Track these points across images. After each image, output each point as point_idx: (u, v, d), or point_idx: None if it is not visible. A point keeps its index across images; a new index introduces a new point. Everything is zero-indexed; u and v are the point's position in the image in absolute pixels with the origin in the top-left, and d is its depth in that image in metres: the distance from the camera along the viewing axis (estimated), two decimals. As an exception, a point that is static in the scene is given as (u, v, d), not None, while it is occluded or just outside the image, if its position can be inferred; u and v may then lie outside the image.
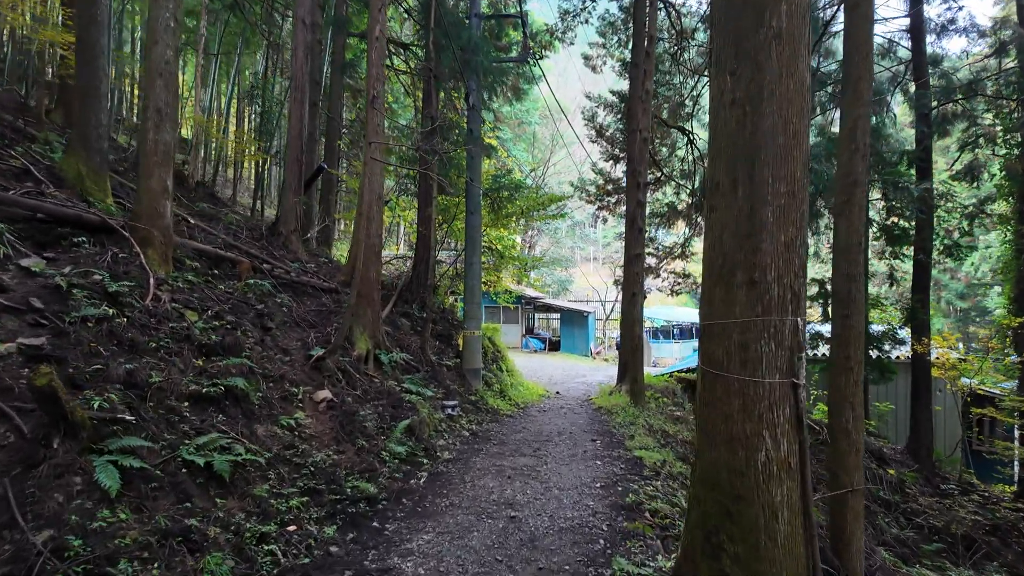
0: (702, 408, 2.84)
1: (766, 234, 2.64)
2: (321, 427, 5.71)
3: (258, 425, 4.91)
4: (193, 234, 8.53)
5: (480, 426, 8.30)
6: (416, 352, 9.21)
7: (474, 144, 9.67)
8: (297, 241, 11.26)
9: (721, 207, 2.79)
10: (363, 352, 7.50)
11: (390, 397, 7.09)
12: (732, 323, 2.68)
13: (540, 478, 5.80)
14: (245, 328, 5.93)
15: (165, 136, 5.78)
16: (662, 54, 14.70)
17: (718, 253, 2.78)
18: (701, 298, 2.87)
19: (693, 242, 15.37)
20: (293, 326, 7.48)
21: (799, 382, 2.62)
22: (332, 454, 5.25)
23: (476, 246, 10.32)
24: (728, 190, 2.76)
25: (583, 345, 27.76)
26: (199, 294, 6.01)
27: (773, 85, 2.66)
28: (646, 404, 10.33)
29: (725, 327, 2.71)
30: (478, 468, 6.08)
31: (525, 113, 33.23)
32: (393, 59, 16.23)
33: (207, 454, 3.88)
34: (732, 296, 2.69)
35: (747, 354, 2.65)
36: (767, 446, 2.60)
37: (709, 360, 2.79)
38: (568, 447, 7.28)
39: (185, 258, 6.68)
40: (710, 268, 2.83)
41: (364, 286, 7.76)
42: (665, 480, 6.02)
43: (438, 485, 5.41)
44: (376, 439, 5.89)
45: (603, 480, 5.79)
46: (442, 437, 7.17)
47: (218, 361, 5.01)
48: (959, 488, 11.04)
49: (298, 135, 11.44)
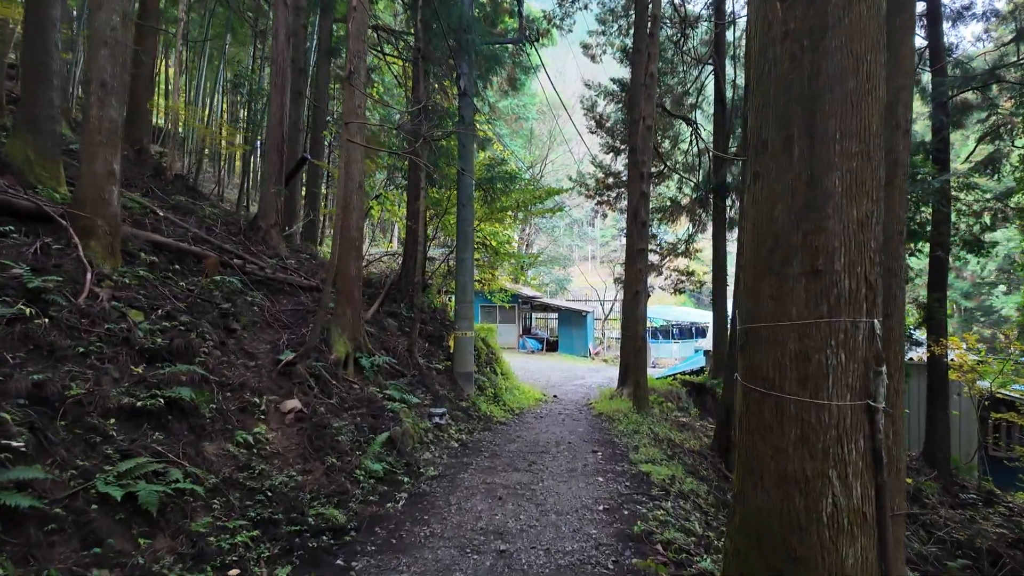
0: (744, 437, 2.17)
1: (832, 208, 1.98)
2: (287, 442, 5.03)
3: (207, 443, 4.23)
4: (159, 227, 7.84)
5: (471, 436, 7.63)
6: (403, 355, 8.54)
7: (465, 131, 9.00)
8: (278, 236, 10.57)
9: (769, 174, 2.12)
10: (341, 356, 6.82)
11: (370, 405, 6.41)
12: (786, 327, 2.02)
13: (535, 499, 5.14)
14: (202, 330, 5.24)
15: (111, 112, 5.10)
16: (664, 42, 14.03)
17: (766, 235, 2.12)
18: (740, 294, 2.20)
19: (698, 238, 14.72)
20: (264, 327, 6.80)
21: (877, 405, 1.96)
22: (296, 475, 4.58)
23: (468, 240, 9.65)
24: (779, 151, 2.09)
25: (582, 345, 27.11)
26: (150, 291, 5.33)
27: (839, 11, 2.00)
28: (649, 410, 9.68)
29: (776, 332, 2.04)
30: (466, 487, 5.41)
31: (522, 108, 32.55)
32: (384, 48, 15.57)
33: (131, 483, 3.20)
34: (786, 291, 2.03)
35: (807, 368, 1.98)
36: (834, 491, 1.94)
37: (753, 375, 2.12)
38: (567, 460, 6.62)
39: (140, 251, 5.99)
40: (754, 255, 2.17)
41: (343, 283, 7.08)
42: (676, 501, 5.36)
43: (419, 509, 4.74)
44: (350, 455, 5.21)
45: (606, 501, 5.13)
46: (428, 450, 6.49)
47: (162, 368, 4.33)
48: (981, 498, 10.43)
49: (279, 123, 10.75)
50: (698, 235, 15.32)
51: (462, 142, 9.28)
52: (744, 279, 2.23)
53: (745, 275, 2.22)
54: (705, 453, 8.32)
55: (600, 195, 15.07)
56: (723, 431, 8.29)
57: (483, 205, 11.27)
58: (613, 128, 14.27)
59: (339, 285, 7.17)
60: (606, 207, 15.55)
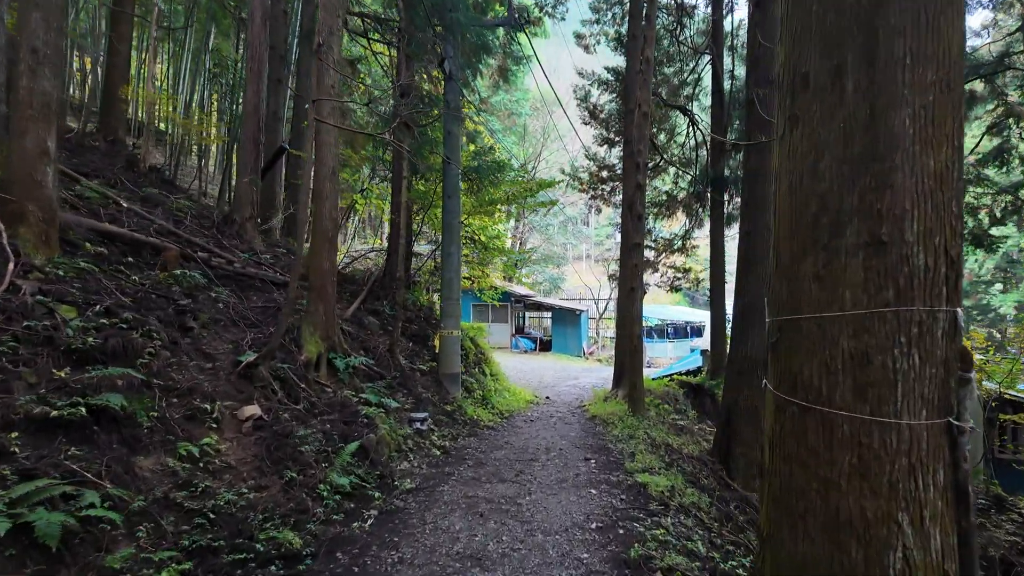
0: (778, 464, 1.65)
1: (901, 156, 1.47)
2: (242, 454, 4.49)
3: (142, 457, 3.68)
4: (119, 217, 7.27)
5: (455, 442, 7.10)
6: (383, 356, 7.99)
7: (451, 117, 8.46)
8: (253, 230, 10.00)
9: (812, 117, 1.61)
10: (312, 356, 6.28)
11: (343, 411, 5.87)
12: (838, 318, 1.50)
13: (521, 515, 4.62)
14: (149, 328, 4.69)
15: (43, 84, 4.53)
16: (660, 31, 13.54)
17: (808, 197, 1.60)
18: (773, 274, 1.68)
19: (694, 235, 14.25)
20: (229, 326, 6.24)
21: (963, 424, 1.45)
22: (248, 491, 4.04)
23: (455, 234, 9.12)
24: (826, 85, 1.58)
25: (575, 345, 26.61)
26: (90, 285, 4.77)
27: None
28: (646, 412, 9.18)
29: (824, 326, 1.53)
30: (445, 501, 4.88)
31: (515, 104, 32.02)
32: (371, 35, 14.99)
33: (26, 512, 2.66)
34: (837, 270, 1.52)
35: (867, 373, 1.47)
36: (905, 541, 1.43)
37: (791, 382, 1.61)
38: (557, 469, 6.11)
39: (85, 242, 5.43)
40: (792, 224, 1.65)
41: (315, 277, 6.54)
42: (676, 516, 4.85)
43: (390, 529, 4.20)
44: (315, 467, 4.67)
45: (599, 518, 4.61)
46: (406, 459, 5.96)
47: (92, 372, 3.78)
48: (990, 502, 10.00)
49: (254, 111, 10.19)
50: (695, 232, 14.84)
51: (447, 129, 8.74)
52: (777, 257, 1.71)
53: (779, 252, 1.71)
54: (705, 459, 7.83)
55: (594, 189, 14.56)
56: (724, 435, 7.80)
57: (471, 197, 10.73)
58: (607, 119, 13.77)
59: (311, 280, 6.63)
60: (600, 201, 15.04)
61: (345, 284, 10.65)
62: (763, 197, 7.39)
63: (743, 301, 7.57)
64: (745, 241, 7.61)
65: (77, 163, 9.22)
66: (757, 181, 7.41)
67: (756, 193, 7.42)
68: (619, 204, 14.60)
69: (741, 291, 7.61)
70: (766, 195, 7.43)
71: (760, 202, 7.39)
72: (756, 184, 7.43)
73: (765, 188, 7.35)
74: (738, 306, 7.68)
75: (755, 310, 7.46)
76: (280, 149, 10.75)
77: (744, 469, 7.50)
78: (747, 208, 7.65)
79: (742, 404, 7.51)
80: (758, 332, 7.47)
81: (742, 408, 7.52)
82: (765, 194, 7.39)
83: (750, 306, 7.50)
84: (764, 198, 7.39)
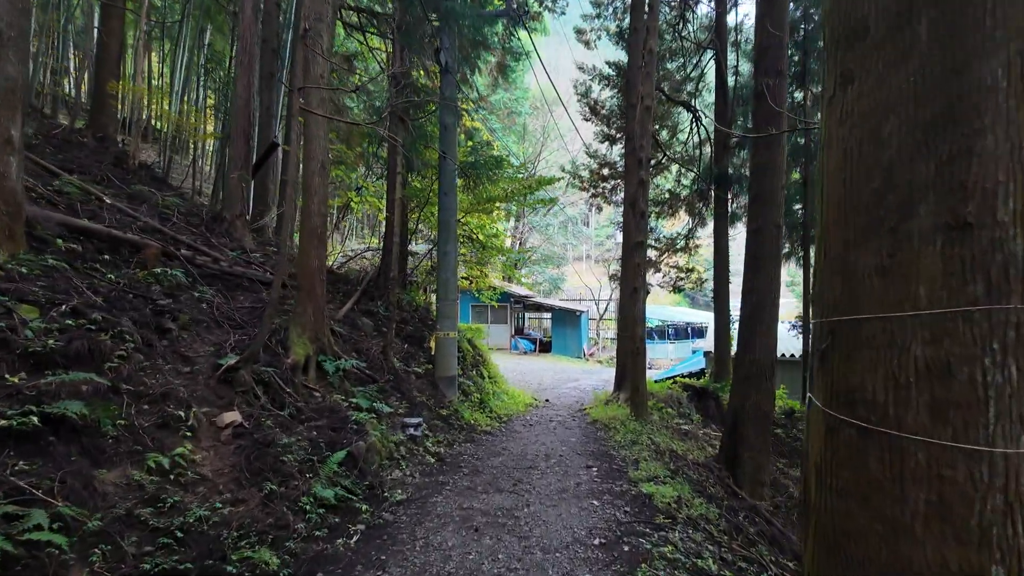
0: (827, 497, 1.35)
1: (992, 116, 1.17)
2: (219, 464, 4.19)
3: (105, 470, 3.38)
4: (99, 214, 6.98)
5: (450, 448, 6.80)
6: (377, 358, 7.69)
7: (447, 110, 8.16)
8: (243, 228, 9.70)
9: (872, 71, 1.31)
10: (300, 359, 5.97)
11: (331, 417, 5.57)
12: (909, 320, 1.21)
13: (519, 530, 4.31)
14: (121, 329, 4.38)
15: (7, 68, 4.23)
16: (662, 26, 13.25)
17: (868, 168, 1.30)
18: (820, 267, 1.37)
19: (698, 233, 13.95)
20: (212, 327, 5.94)
21: (1072, 454, 1.14)
22: (223, 506, 3.73)
23: (451, 232, 8.82)
24: (890, 31, 1.28)
25: (576, 346, 26.31)
26: (58, 283, 4.47)
27: None
28: (649, 416, 8.88)
29: (890, 328, 1.23)
30: (438, 514, 4.58)
31: (515, 103, 31.75)
32: (368, 30, 14.68)
33: (-42, 537, 2.35)
34: (907, 259, 1.21)
35: (948, 388, 1.17)
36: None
37: (848, 397, 1.31)
38: (557, 477, 5.80)
39: (57, 238, 5.12)
40: (846, 203, 1.35)
41: (303, 276, 6.24)
42: (684, 530, 4.55)
43: (376, 546, 3.90)
44: (298, 479, 4.36)
45: (603, 532, 4.31)
46: (398, 467, 5.65)
47: (52, 377, 3.48)
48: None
49: (245, 105, 9.90)
50: (697, 231, 14.55)
51: (443, 123, 8.44)
52: (826, 246, 1.41)
53: (827, 239, 1.40)
54: (711, 465, 7.52)
55: (595, 187, 14.25)
56: (730, 441, 7.50)
57: (468, 194, 10.43)
58: (609, 116, 13.47)
59: (300, 279, 6.34)
60: (601, 200, 14.73)
61: (339, 284, 10.35)
62: (772, 192, 7.10)
63: (751, 301, 7.26)
64: (753, 238, 7.31)
65: (62, 159, 8.94)
66: (765, 175, 7.11)
67: (765, 188, 7.12)
68: (620, 202, 14.30)
69: (749, 291, 7.30)
70: (775, 190, 7.13)
71: (769, 197, 7.09)
72: (764, 179, 7.13)
73: (774, 183, 7.05)
74: (746, 307, 7.38)
75: (763, 311, 7.16)
76: (272, 145, 10.45)
77: (751, 476, 7.20)
78: (755, 204, 7.35)
79: (749, 409, 7.21)
80: (766, 334, 7.18)
81: (749, 413, 7.22)
82: (774, 189, 7.09)
83: (758, 306, 7.19)
84: (773, 193, 7.09)
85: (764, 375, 7.13)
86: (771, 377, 7.19)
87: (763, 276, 7.10)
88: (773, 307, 7.22)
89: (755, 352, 7.14)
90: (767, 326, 7.13)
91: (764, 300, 7.13)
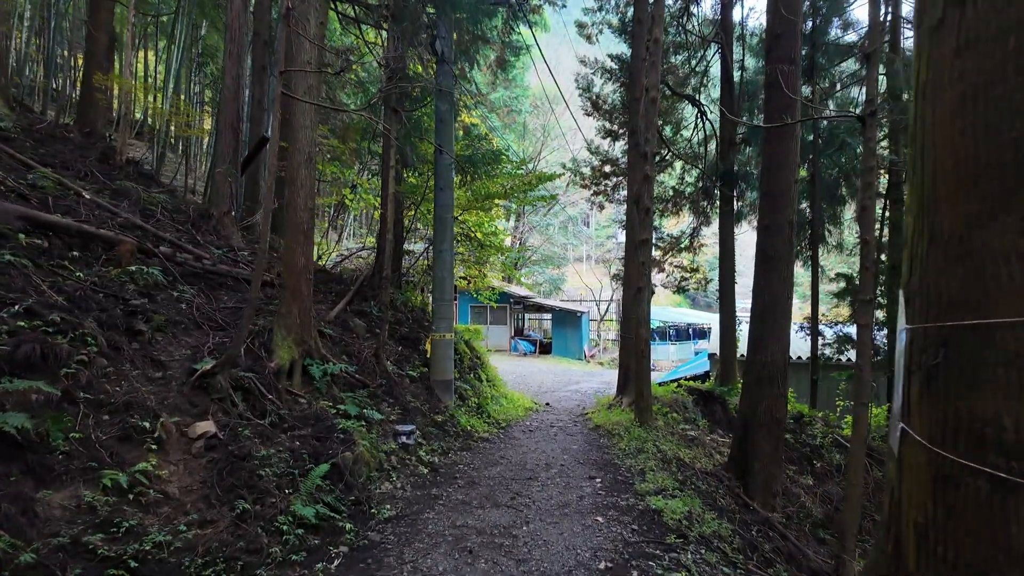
0: (940, 569, 0.97)
1: None
2: (188, 480, 3.81)
3: (52, 491, 3.01)
4: (75, 208, 6.62)
5: (445, 457, 6.42)
6: (369, 361, 7.31)
7: (442, 100, 7.79)
8: (232, 225, 9.35)
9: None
10: (284, 363, 5.60)
11: (317, 425, 5.19)
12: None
13: (516, 551, 3.94)
14: (83, 331, 4.02)
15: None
16: (667, 18, 12.88)
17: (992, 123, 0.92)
18: (922, 252, 0.97)
19: (702, 232, 13.57)
20: (191, 328, 5.57)
21: None
22: (188, 529, 3.36)
23: (447, 230, 8.45)
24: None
25: (576, 347, 25.92)
26: (14, 281, 4.10)
27: None
28: (653, 422, 8.50)
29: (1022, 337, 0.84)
30: (429, 533, 4.21)
31: (515, 101, 31.39)
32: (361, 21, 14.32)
33: None
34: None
35: None
36: None
37: (972, 434, 0.93)
38: (558, 490, 5.43)
39: (19, 233, 4.76)
40: (959, 166, 0.96)
41: (288, 275, 5.87)
42: (697, 550, 4.17)
43: (360, 570, 3.53)
44: (275, 495, 3.99)
45: (609, 555, 3.94)
46: (388, 479, 5.28)
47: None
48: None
49: (234, 97, 9.55)
50: (702, 229, 14.16)
51: (439, 116, 8.07)
52: (930, 223, 1.03)
53: (934, 214, 1.03)
54: (720, 474, 7.15)
55: (596, 184, 13.88)
56: (740, 449, 7.13)
57: (466, 191, 10.06)
58: (611, 111, 13.09)
59: (285, 278, 5.97)
60: (603, 197, 14.36)
61: (332, 284, 9.98)
62: (785, 187, 6.73)
63: (761, 301, 6.89)
64: (763, 236, 6.93)
65: (43, 153, 8.59)
66: (778, 169, 6.74)
67: (777, 183, 6.75)
68: (623, 200, 13.93)
69: (759, 291, 6.93)
70: (788, 185, 6.76)
71: (781, 192, 6.72)
72: (777, 173, 6.76)
73: (788, 177, 6.68)
74: (756, 307, 7.00)
75: (775, 311, 6.79)
76: (262, 139, 10.04)
77: (763, 486, 6.83)
78: (766, 200, 6.98)
79: (761, 415, 6.83)
80: (779, 336, 6.81)
81: (761, 419, 6.84)
82: (787, 183, 6.72)
83: (769, 307, 6.82)
84: (786, 188, 6.72)
85: (776, 379, 6.75)
86: (784, 381, 6.81)
87: (775, 275, 6.72)
88: (786, 307, 6.85)
89: (767, 355, 6.76)
90: (780, 327, 6.76)
91: (776, 300, 6.76)
